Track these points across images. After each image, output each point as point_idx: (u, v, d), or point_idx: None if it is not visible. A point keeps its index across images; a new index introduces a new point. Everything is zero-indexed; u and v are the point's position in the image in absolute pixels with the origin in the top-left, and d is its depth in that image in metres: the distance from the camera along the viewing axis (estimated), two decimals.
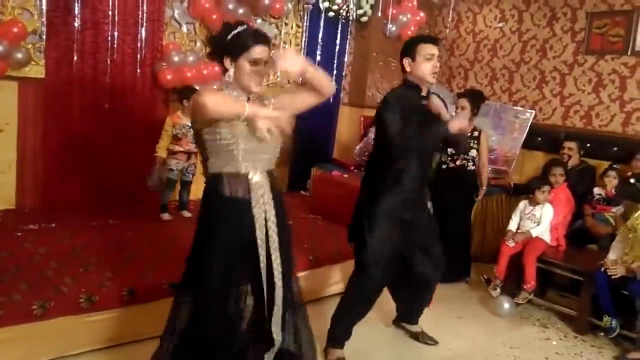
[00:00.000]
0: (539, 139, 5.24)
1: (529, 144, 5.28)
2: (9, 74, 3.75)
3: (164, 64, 4.32)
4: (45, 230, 3.56)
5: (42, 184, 4.07)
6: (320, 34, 5.50)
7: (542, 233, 3.89)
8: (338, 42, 5.68)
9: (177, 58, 4.33)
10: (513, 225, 4.01)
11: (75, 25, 3.94)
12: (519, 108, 5.48)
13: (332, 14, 5.44)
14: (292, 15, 5.32)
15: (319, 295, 3.61)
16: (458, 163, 4.16)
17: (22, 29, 3.67)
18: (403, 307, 3.26)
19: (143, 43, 4.26)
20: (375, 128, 2.87)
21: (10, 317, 2.45)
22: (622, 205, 4.12)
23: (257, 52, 1.96)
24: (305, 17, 5.40)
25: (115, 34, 4.11)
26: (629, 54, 4.77)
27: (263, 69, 2.00)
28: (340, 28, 5.66)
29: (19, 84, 3.88)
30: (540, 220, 3.89)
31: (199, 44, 4.73)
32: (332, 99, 5.67)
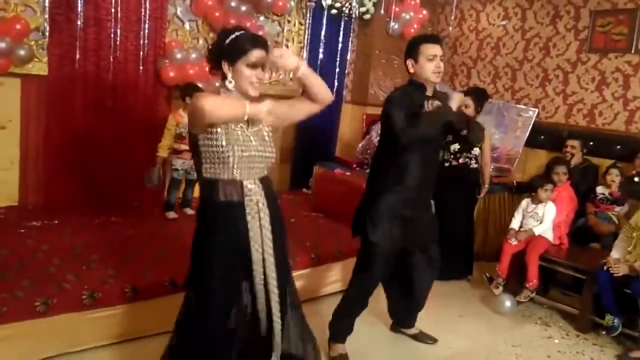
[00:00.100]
0: (542, 137, 5.24)
1: (532, 142, 5.27)
2: (12, 71, 3.74)
3: (167, 61, 4.32)
4: (48, 227, 3.57)
5: (44, 181, 4.06)
6: (323, 32, 5.49)
7: (544, 231, 3.89)
8: (341, 39, 5.67)
9: (179, 55, 4.32)
10: (515, 224, 4.01)
11: (78, 23, 3.93)
12: (522, 106, 5.47)
13: (334, 12, 5.43)
14: (294, 13, 5.31)
15: (321, 293, 3.62)
16: (461, 161, 4.16)
17: (24, 26, 3.67)
18: (398, 311, 3.25)
19: (146, 40, 4.25)
20: (381, 126, 2.87)
21: (13, 313, 2.46)
22: (626, 204, 4.12)
23: (255, 56, 1.96)
24: (308, 14, 5.39)
25: (118, 31, 4.10)
26: (633, 52, 4.75)
27: (261, 74, 2.00)
28: (343, 26, 5.65)
29: (22, 81, 3.88)
30: (543, 219, 3.88)
31: (202, 42, 4.72)
32: (334, 96, 5.67)
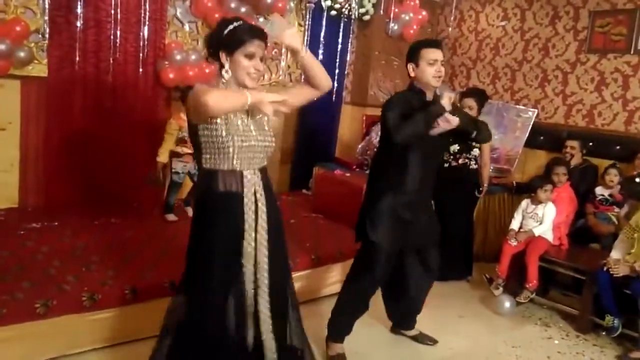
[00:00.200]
0: (542, 138, 5.24)
1: (532, 143, 5.28)
2: (12, 73, 3.75)
3: (167, 63, 4.33)
4: (48, 229, 3.57)
5: (44, 183, 4.07)
6: (323, 33, 5.49)
7: (544, 232, 3.89)
8: (340, 40, 5.66)
9: (179, 57, 4.33)
10: (515, 224, 4.01)
11: (78, 24, 3.93)
12: (522, 107, 5.47)
13: (334, 13, 5.44)
14: (294, 14, 5.32)
15: (321, 294, 3.61)
16: (460, 162, 4.16)
17: (24, 28, 3.67)
18: (395, 314, 3.25)
19: (145, 42, 4.25)
20: (380, 128, 2.87)
21: (13, 315, 2.46)
22: (626, 205, 4.11)
23: (253, 46, 1.95)
24: (308, 15, 5.40)
25: (118, 33, 4.11)
26: (632, 53, 4.75)
27: (259, 64, 1.99)
28: (343, 27, 5.65)
29: (22, 83, 3.88)
30: (543, 219, 3.88)
31: (201, 43, 4.73)
32: (334, 98, 5.67)
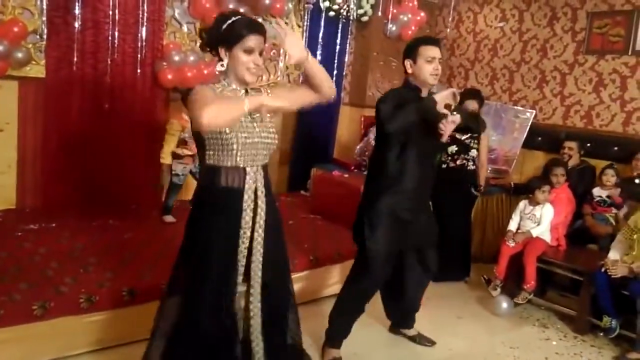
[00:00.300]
0: (540, 139, 5.24)
1: (530, 144, 5.28)
2: (10, 74, 3.74)
3: (165, 64, 4.32)
4: (46, 230, 3.56)
5: (42, 184, 4.06)
6: (321, 34, 5.50)
7: (542, 233, 3.89)
8: (338, 41, 5.67)
9: (177, 58, 4.32)
10: (513, 225, 4.01)
11: (76, 25, 3.93)
12: (520, 108, 5.48)
13: (332, 14, 5.44)
14: (292, 15, 5.32)
15: (319, 295, 3.61)
16: (458, 163, 4.17)
17: (22, 29, 3.67)
18: (394, 314, 3.25)
19: (143, 43, 4.25)
20: (376, 126, 2.86)
21: (11, 317, 2.45)
22: (625, 206, 4.11)
23: (251, 41, 1.94)
24: (306, 16, 5.40)
25: (116, 34, 4.10)
26: (630, 54, 4.76)
27: (258, 59, 1.98)
28: (341, 28, 5.65)
29: (20, 84, 3.88)
30: (541, 220, 3.89)
31: (200, 44, 4.72)
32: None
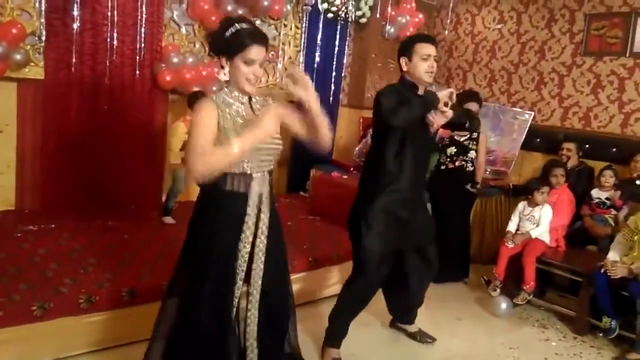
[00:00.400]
0: (538, 140, 5.26)
1: (528, 145, 5.29)
2: (8, 75, 3.74)
3: (163, 66, 4.32)
4: (45, 231, 3.56)
5: (41, 185, 4.06)
6: (319, 35, 5.51)
7: (541, 234, 3.90)
8: (337, 43, 5.69)
9: (176, 59, 4.32)
10: (512, 227, 4.02)
11: (74, 27, 3.94)
12: (518, 109, 5.49)
13: (331, 15, 5.45)
14: (291, 17, 5.32)
15: (318, 296, 3.61)
16: (457, 164, 4.17)
17: (21, 30, 3.67)
18: (396, 308, 3.26)
19: (142, 44, 4.26)
20: (372, 125, 2.84)
21: (10, 317, 2.45)
22: (625, 206, 4.12)
23: (253, 52, 1.93)
24: (305, 18, 5.41)
25: (115, 36, 4.11)
26: (627, 56, 4.78)
27: (258, 70, 1.97)
28: (339, 29, 5.67)
29: (18, 85, 3.88)
30: (540, 221, 3.89)
31: (198, 45, 4.73)
32: (331, 100, 5.69)
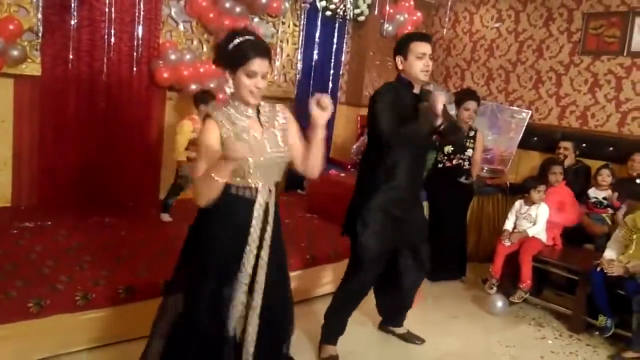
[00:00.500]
0: (535, 139, 5.27)
1: (525, 144, 5.31)
2: (5, 72, 3.72)
3: (161, 62, 4.31)
4: (41, 228, 3.55)
5: (38, 182, 4.05)
6: (318, 33, 5.51)
7: (538, 232, 3.90)
8: (335, 41, 5.68)
9: (173, 56, 4.32)
10: (509, 225, 4.02)
11: (72, 23, 3.92)
12: (516, 108, 5.50)
13: (329, 13, 5.45)
14: (289, 14, 5.32)
15: (315, 294, 3.62)
16: (454, 162, 4.17)
17: (18, 27, 3.65)
18: (387, 309, 3.25)
19: (140, 41, 4.25)
20: (367, 123, 2.84)
21: (6, 314, 2.44)
22: (624, 205, 4.12)
23: (255, 65, 1.92)
24: (303, 16, 5.41)
25: (112, 32, 4.10)
26: (625, 55, 4.80)
27: (260, 82, 1.96)
28: (338, 27, 5.67)
29: (15, 82, 3.87)
30: (536, 220, 3.89)
31: (196, 43, 4.73)
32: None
